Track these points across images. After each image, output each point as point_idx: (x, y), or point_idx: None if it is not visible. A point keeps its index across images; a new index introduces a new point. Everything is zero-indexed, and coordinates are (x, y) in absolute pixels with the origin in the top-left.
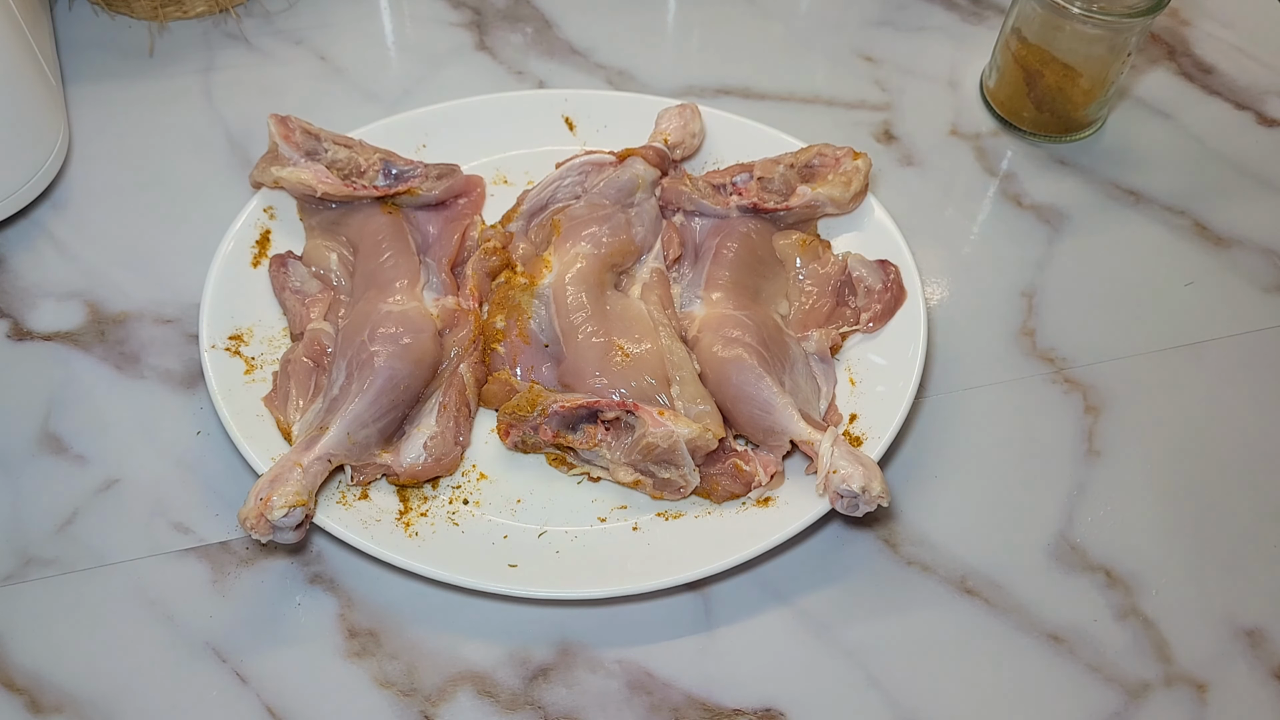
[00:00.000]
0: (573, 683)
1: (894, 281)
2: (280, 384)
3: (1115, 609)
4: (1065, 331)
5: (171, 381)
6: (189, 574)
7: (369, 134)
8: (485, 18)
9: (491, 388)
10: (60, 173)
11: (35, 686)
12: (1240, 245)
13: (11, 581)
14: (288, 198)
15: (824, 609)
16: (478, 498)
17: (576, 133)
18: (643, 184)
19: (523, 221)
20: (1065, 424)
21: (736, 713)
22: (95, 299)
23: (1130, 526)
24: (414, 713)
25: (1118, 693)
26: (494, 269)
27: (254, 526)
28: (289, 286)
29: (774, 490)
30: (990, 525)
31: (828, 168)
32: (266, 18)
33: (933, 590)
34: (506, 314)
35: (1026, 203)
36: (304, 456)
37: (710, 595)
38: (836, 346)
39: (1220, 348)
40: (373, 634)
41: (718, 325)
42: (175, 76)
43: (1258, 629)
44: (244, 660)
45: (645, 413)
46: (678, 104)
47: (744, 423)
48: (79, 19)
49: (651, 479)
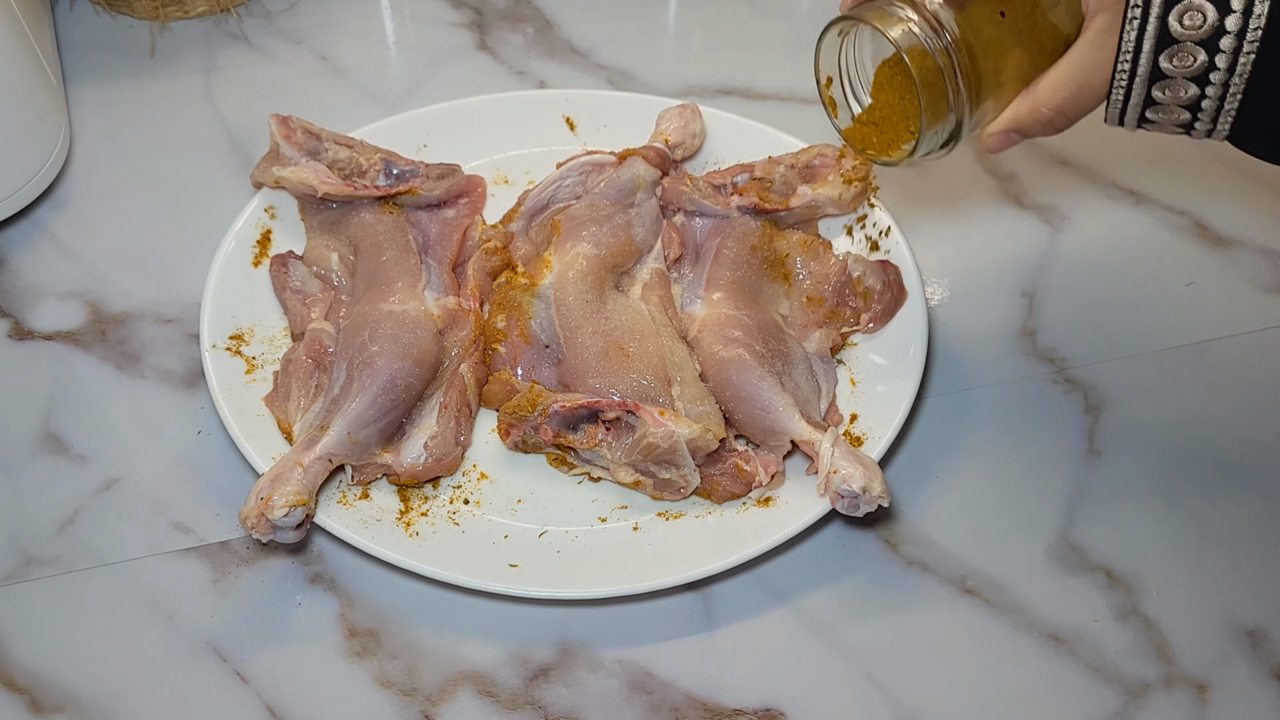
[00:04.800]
0: (573, 683)
1: (894, 281)
2: (281, 384)
3: (1115, 609)
4: (1065, 331)
5: (172, 381)
6: (189, 574)
7: (370, 134)
8: (486, 18)
9: (492, 388)
10: (61, 173)
11: (35, 686)
12: (1240, 245)
13: (12, 581)
14: (289, 197)
15: (824, 609)
16: (478, 497)
17: (577, 133)
18: (643, 184)
19: (523, 221)
20: (1065, 424)
21: (737, 713)
22: (96, 299)
23: (1130, 526)
24: (414, 712)
25: (1118, 693)
26: (495, 269)
27: (254, 526)
28: (290, 286)
29: (774, 490)
30: (990, 525)
31: (828, 168)
32: (267, 18)
33: (933, 590)
34: (507, 314)
35: (1026, 203)
36: (305, 456)
37: (710, 595)
38: (837, 346)
39: (1220, 348)
40: (373, 634)
41: (718, 325)
42: (176, 76)
43: (1258, 629)
44: (244, 660)
45: (646, 413)
46: (678, 104)
47: (744, 423)
48: (80, 19)
49: (652, 479)
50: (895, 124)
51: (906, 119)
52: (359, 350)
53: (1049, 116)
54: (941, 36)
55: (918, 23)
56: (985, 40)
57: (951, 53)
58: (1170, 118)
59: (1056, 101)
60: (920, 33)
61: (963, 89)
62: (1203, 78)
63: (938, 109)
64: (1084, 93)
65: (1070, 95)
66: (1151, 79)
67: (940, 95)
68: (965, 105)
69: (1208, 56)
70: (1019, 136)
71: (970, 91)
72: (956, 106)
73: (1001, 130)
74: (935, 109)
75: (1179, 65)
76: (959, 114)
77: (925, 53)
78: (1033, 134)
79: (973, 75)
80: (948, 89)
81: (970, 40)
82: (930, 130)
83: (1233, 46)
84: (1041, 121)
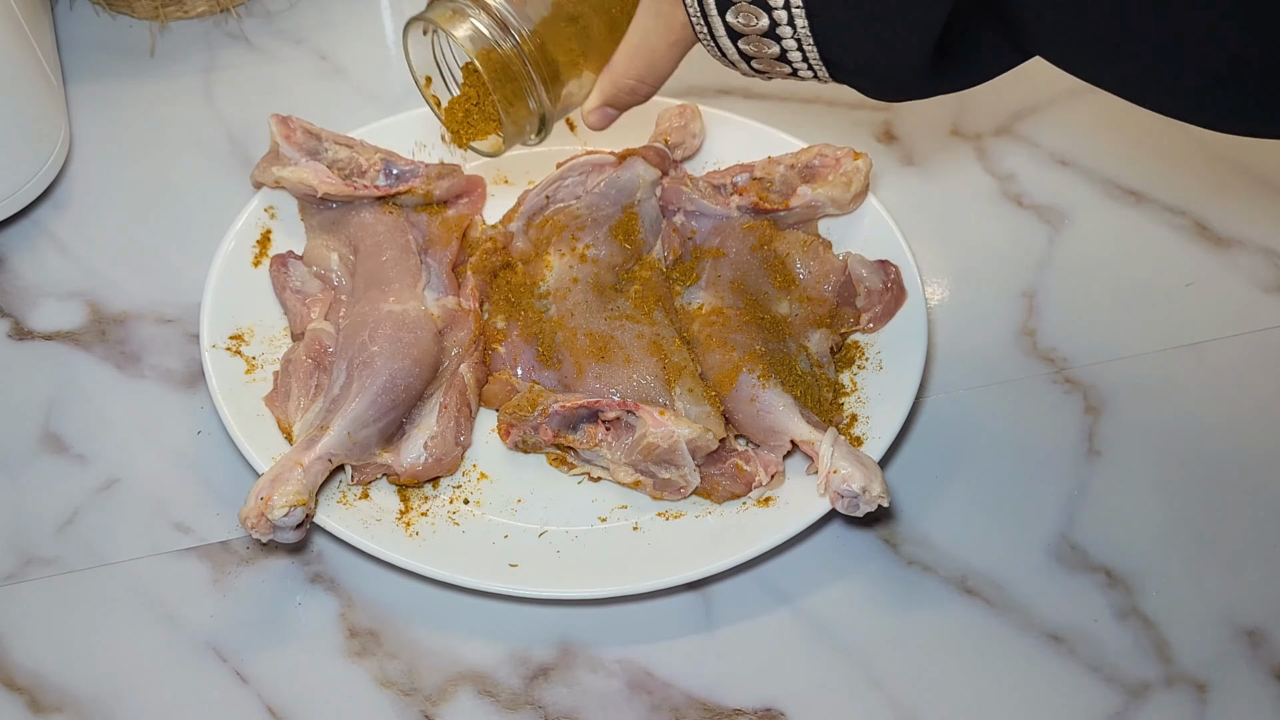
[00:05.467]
0: (573, 683)
1: (894, 281)
2: (281, 384)
3: (1115, 609)
4: (1065, 331)
5: (172, 381)
6: (189, 574)
7: (369, 134)
8: None
9: (492, 388)
10: (61, 172)
11: (35, 686)
12: (1240, 245)
13: (11, 581)
14: (289, 197)
15: (824, 609)
16: (478, 497)
17: (577, 133)
18: (643, 184)
19: (523, 221)
20: (1065, 424)
21: (737, 713)
22: (96, 298)
23: (1130, 526)
24: (414, 712)
25: (1118, 693)
26: (494, 269)
27: (254, 526)
28: (290, 286)
29: (774, 490)
30: (991, 525)
31: (828, 168)
32: (267, 17)
33: (933, 590)
34: (507, 314)
35: (1026, 203)
36: (305, 456)
37: (710, 595)
38: (837, 346)
39: (1220, 348)
40: (373, 634)
41: (718, 325)
42: (176, 76)
43: (1258, 629)
44: (244, 660)
45: (646, 413)
46: (678, 104)
47: (744, 422)
48: (80, 19)
49: (652, 479)
50: (487, 109)
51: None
52: (359, 350)
53: (632, 86)
54: (509, 33)
55: (485, 23)
56: (553, 28)
57: (520, 47)
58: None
59: (634, 71)
60: (488, 31)
61: (536, 80)
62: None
63: (516, 101)
64: (655, 57)
65: (644, 62)
66: (721, 9)
67: (516, 88)
68: (543, 94)
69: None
70: (615, 111)
71: (545, 81)
72: (535, 97)
73: (595, 107)
74: (512, 101)
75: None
76: (540, 105)
77: (494, 49)
78: (625, 105)
79: (544, 65)
80: (522, 81)
81: (539, 29)
82: (512, 122)
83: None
84: (626, 92)
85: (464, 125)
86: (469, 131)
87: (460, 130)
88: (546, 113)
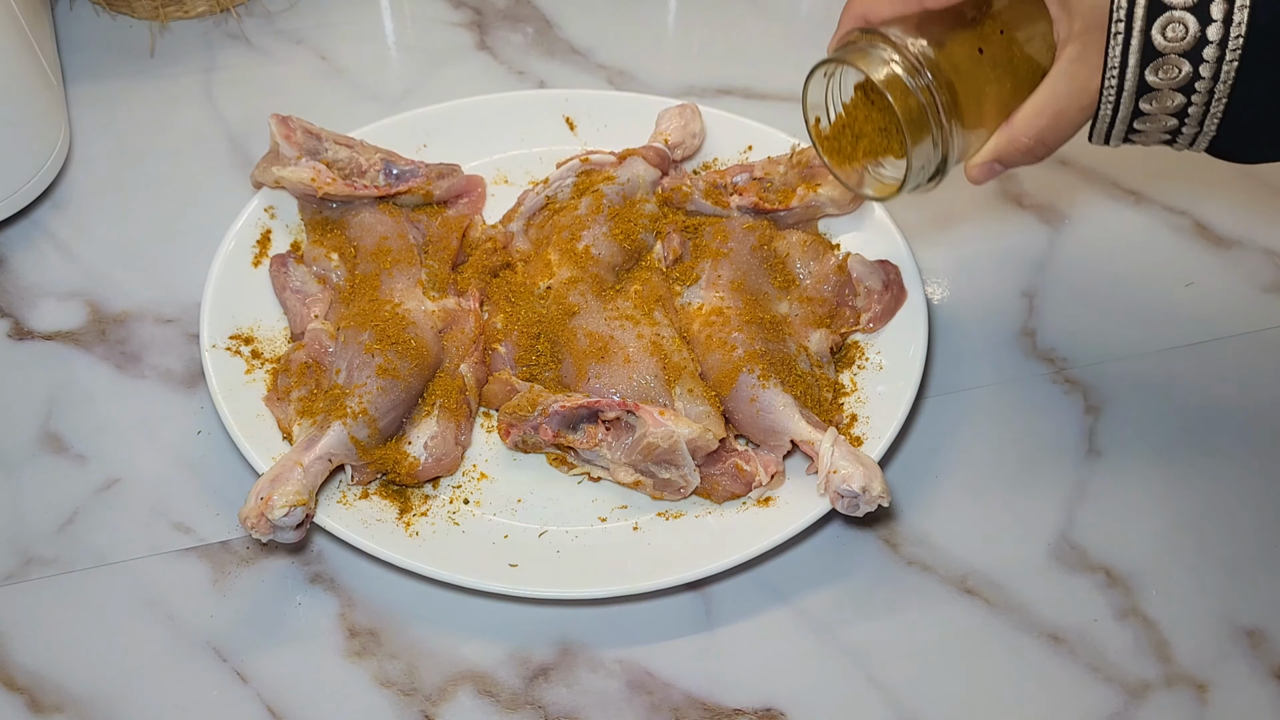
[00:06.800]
0: (573, 683)
1: (894, 281)
2: (280, 384)
3: (1115, 609)
4: (1065, 331)
5: (172, 381)
6: (189, 573)
7: (369, 134)
8: (486, 17)
9: (492, 388)
10: (61, 172)
11: (35, 686)
12: (1240, 245)
13: (11, 581)
14: (288, 197)
15: (824, 609)
16: (478, 497)
17: (577, 133)
18: (643, 184)
19: (523, 221)
20: (1065, 424)
21: (737, 713)
22: (96, 298)
23: (1130, 526)
24: (414, 712)
25: (1118, 693)
26: (494, 269)
27: (254, 526)
28: (289, 286)
29: (774, 490)
30: (990, 525)
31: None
32: (267, 17)
33: (933, 590)
34: (507, 314)
35: (1027, 203)
36: (305, 456)
37: (710, 595)
38: (837, 346)
39: (1220, 348)
40: (373, 634)
41: (718, 325)
42: (176, 76)
43: (1258, 629)
44: (244, 660)
45: (646, 413)
46: (678, 104)
47: (744, 422)
48: (80, 18)
49: (652, 479)
50: (873, 135)
51: (884, 131)
52: (359, 350)
53: (1028, 145)
54: (923, 75)
55: (900, 63)
56: (965, 76)
57: (934, 91)
58: (1157, 126)
59: (1034, 130)
60: (903, 73)
61: (945, 124)
62: (1188, 87)
63: (923, 145)
64: (1060, 120)
65: (1047, 124)
66: (1138, 92)
67: (925, 131)
68: (950, 140)
69: (1192, 67)
70: (1001, 167)
71: (953, 127)
72: (941, 142)
73: (984, 161)
74: (921, 145)
75: (1164, 77)
76: (944, 149)
77: (908, 91)
78: (1014, 164)
79: (954, 111)
80: (931, 126)
81: (951, 78)
82: (917, 165)
83: (1216, 55)
84: (1021, 150)
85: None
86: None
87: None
88: (948, 158)
